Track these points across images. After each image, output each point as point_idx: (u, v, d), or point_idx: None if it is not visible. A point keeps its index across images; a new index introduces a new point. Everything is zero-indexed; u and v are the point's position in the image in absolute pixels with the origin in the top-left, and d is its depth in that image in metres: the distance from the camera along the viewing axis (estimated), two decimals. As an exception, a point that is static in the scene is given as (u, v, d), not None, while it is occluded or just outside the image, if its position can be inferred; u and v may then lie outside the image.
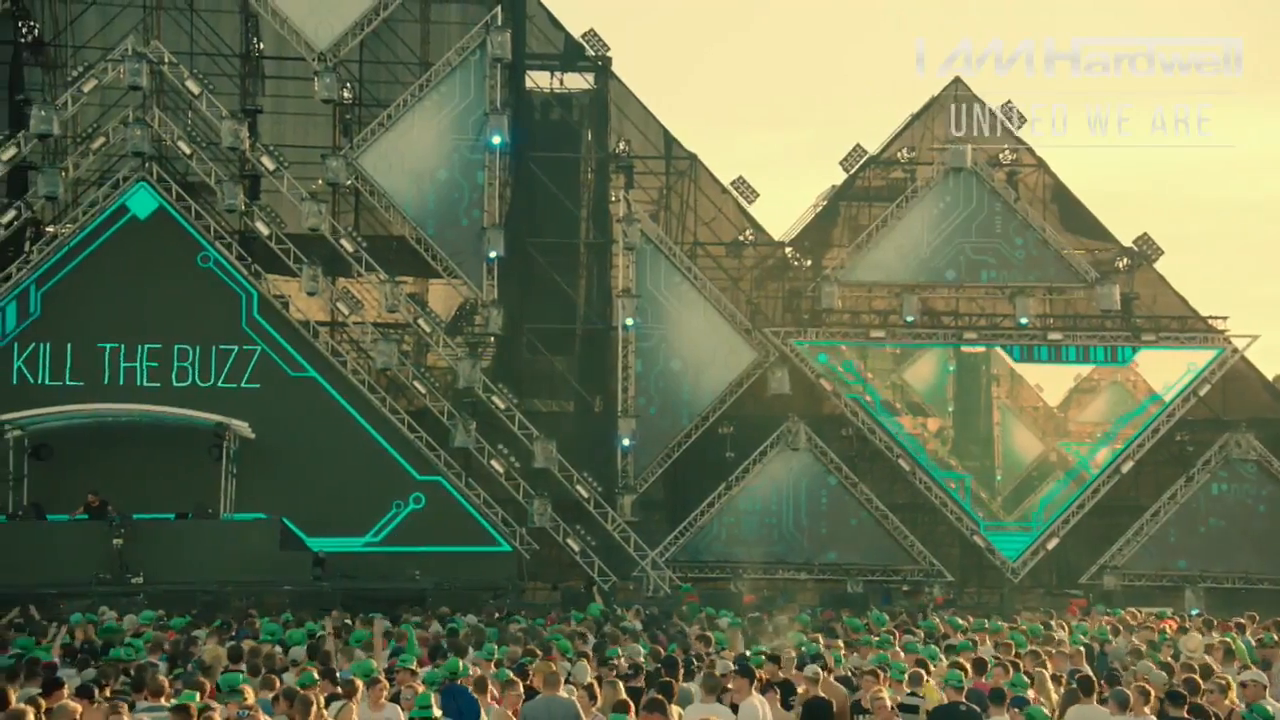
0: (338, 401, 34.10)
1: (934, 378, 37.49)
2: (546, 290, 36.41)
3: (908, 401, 37.35)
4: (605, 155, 37.28)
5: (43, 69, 35.52)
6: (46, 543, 29.90)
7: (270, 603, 27.43)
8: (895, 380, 37.35)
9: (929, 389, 37.48)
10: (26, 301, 33.19)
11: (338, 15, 34.60)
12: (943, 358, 37.49)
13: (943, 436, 37.39)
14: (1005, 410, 37.57)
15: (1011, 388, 37.81)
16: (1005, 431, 37.42)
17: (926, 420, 37.49)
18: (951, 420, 37.46)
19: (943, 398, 37.52)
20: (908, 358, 37.40)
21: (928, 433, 37.36)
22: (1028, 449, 37.40)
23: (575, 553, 34.44)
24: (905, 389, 37.35)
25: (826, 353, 37.08)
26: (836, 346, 37.22)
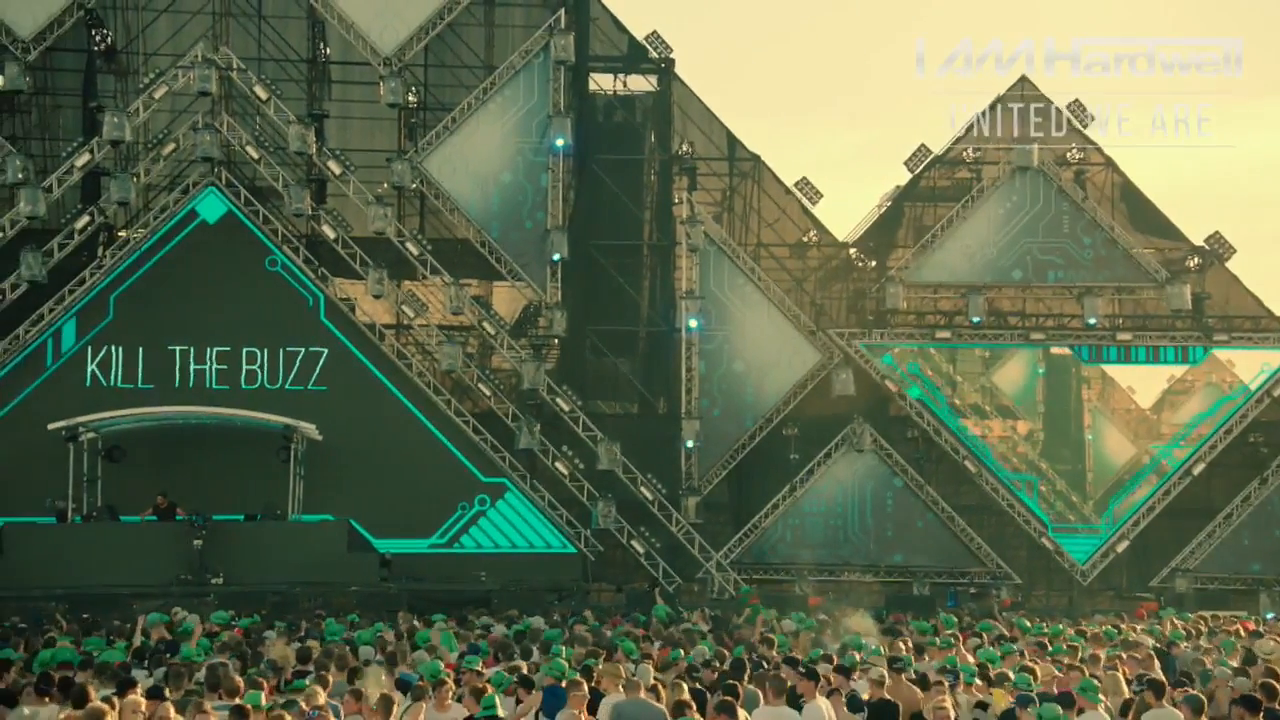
0: (403, 404, 34.36)
1: (1023, 381, 37.17)
2: (610, 292, 36.46)
3: (997, 405, 37.08)
4: (668, 157, 37.27)
5: (115, 76, 36.05)
6: (124, 544, 30.33)
7: (338, 604, 27.69)
8: (984, 383, 37.09)
9: (1018, 392, 37.18)
10: (100, 305, 33.69)
11: (403, 20, 34.84)
12: (1032, 360, 37.15)
13: (1033, 440, 37.03)
14: (1096, 413, 37.18)
15: (1103, 390, 37.45)
16: (1096, 434, 37.00)
17: (1016, 423, 37.17)
18: (1041, 423, 37.08)
19: (1032, 400, 37.19)
20: (996, 360, 37.12)
21: (1017, 436, 37.03)
22: (1120, 452, 36.96)
23: (639, 554, 34.46)
24: (994, 392, 37.07)
25: (891, 354, 36.86)
26: (901, 348, 36.98)
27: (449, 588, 30.95)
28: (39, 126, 35.72)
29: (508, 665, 15.19)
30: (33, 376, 33.17)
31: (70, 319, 33.49)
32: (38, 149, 35.10)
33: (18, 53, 33.05)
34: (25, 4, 33.19)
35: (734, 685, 13.13)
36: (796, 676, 13.22)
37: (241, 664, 16.34)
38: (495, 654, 17.11)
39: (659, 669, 14.93)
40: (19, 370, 33.13)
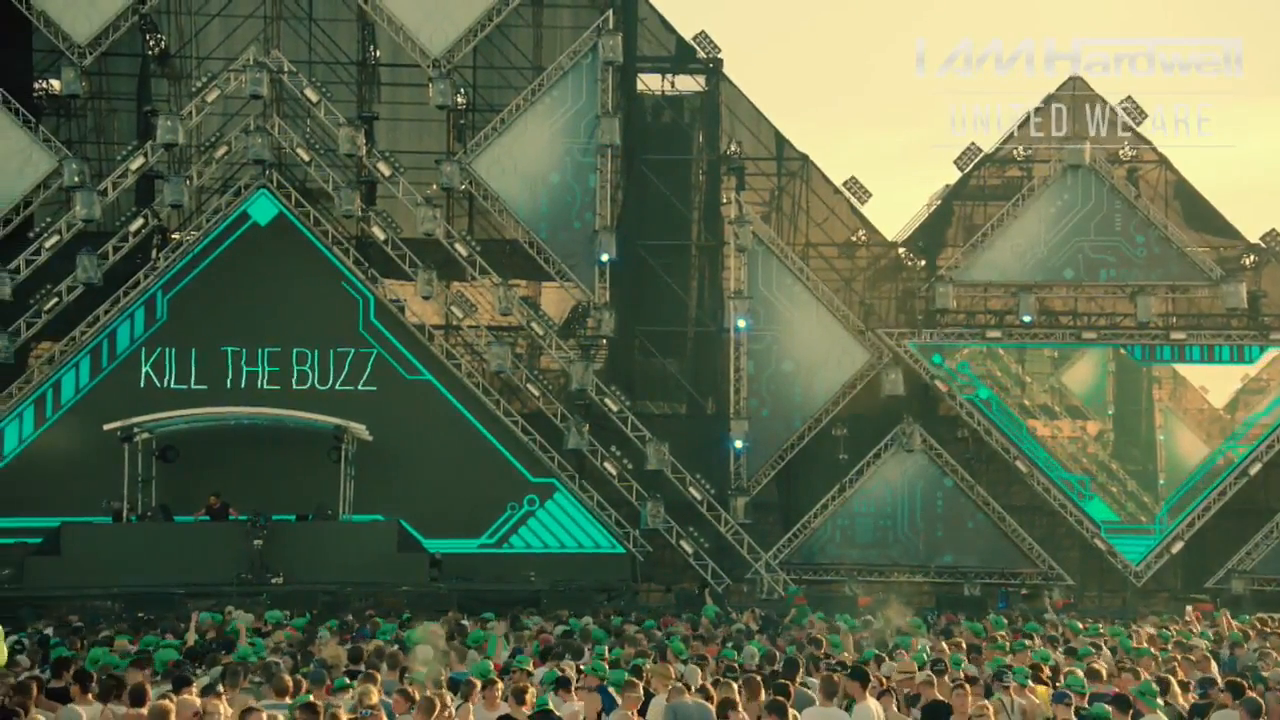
0: (453, 404, 34.52)
1: (1093, 381, 36.85)
2: (658, 292, 36.47)
3: (1066, 405, 36.78)
4: (716, 157, 37.23)
5: (169, 80, 36.44)
6: (179, 543, 30.63)
7: (388, 603, 27.84)
8: (1053, 383, 36.80)
9: (1088, 392, 36.85)
10: (153, 307, 34.06)
11: (452, 22, 34.97)
12: (1101, 360, 36.83)
13: (1103, 440, 36.71)
14: (1168, 413, 36.78)
15: (1174, 390, 37.03)
16: (1168, 434, 36.62)
17: (1086, 424, 36.85)
18: (1111, 424, 36.76)
19: (1102, 401, 36.85)
20: (1065, 360, 36.81)
21: (1087, 436, 36.72)
22: (1193, 452, 36.56)
23: (688, 555, 34.44)
24: (1063, 392, 36.77)
25: (941, 353, 36.66)
26: (951, 347, 36.77)
27: (498, 588, 31.07)
28: (94, 130, 36.16)
29: (556, 665, 15.22)
30: (89, 377, 33.58)
31: (125, 320, 33.87)
32: (93, 153, 35.53)
33: (74, 58, 33.44)
34: (81, 10, 33.57)
35: (785, 685, 13.10)
36: (845, 678, 13.17)
37: (293, 663, 16.47)
38: (544, 654, 17.14)
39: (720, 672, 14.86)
40: (76, 371, 33.54)
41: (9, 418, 33.09)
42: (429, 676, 14.00)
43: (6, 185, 33.47)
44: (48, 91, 35.52)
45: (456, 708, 12.27)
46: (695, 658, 16.75)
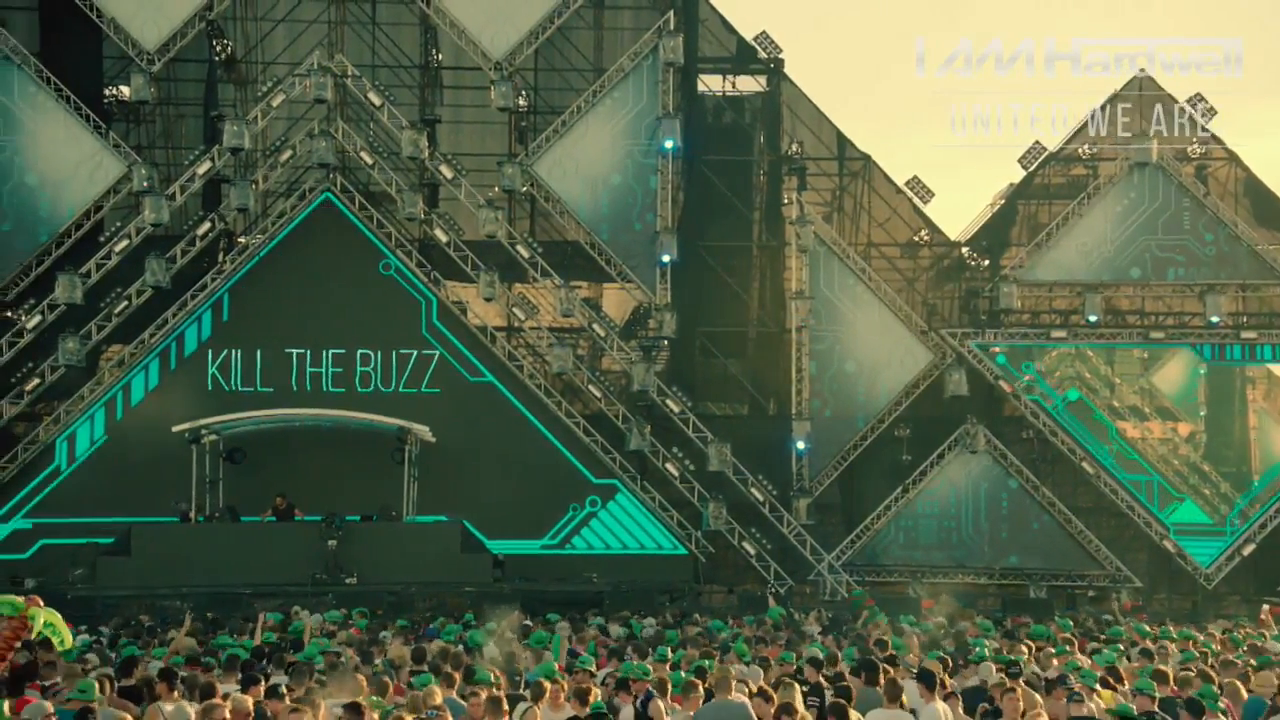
0: (515, 406, 34.66)
1: (1183, 381, 36.40)
2: (719, 293, 36.43)
3: (1156, 406, 36.37)
4: (778, 157, 37.14)
5: (235, 85, 36.86)
6: (246, 544, 30.97)
7: (452, 604, 28.01)
8: (1143, 384, 36.41)
9: (1178, 393, 36.41)
10: (220, 310, 34.47)
11: (513, 24, 35.11)
12: (1192, 361, 36.36)
13: (1194, 442, 36.26)
14: (1262, 414, 36.27)
15: (1269, 390, 36.51)
16: (1263, 435, 36.09)
17: (1177, 425, 36.41)
18: (1203, 425, 36.30)
19: (1194, 402, 36.39)
20: (1155, 361, 36.39)
21: (1178, 438, 36.28)
22: (1289, 453, 36.07)
23: (751, 556, 34.37)
24: (1153, 393, 36.36)
25: (1005, 353, 36.34)
26: (1016, 347, 36.45)
27: (561, 588, 31.15)
28: (163, 136, 36.64)
29: (619, 666, 15.24)
30: (158, 380, 34.05)
31: (192, 323, 34.30)
32: (162, 158, 36.00)
33: (143, 64, 33.90)
34: (150, 17, 34.02)
35: (847, 688, 13.07)
36: (912, 680, 13.11)
37: (357, 663, 16.61)
38: (607, 655, 17.18)
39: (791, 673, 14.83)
40: (145, 373, 34.01)
41: (80, 420, 33.61)
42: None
43: (78, 191, 33.98)
44: (117, 98, 36.03)
45: (524, 709, 12.32)
46: (758, 659, 16.74)
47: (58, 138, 33.89)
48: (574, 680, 13.79)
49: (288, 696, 12.27)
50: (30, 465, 33.30)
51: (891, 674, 13.66)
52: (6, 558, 32.13)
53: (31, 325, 33.32)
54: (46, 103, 33.85)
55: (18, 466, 33.17)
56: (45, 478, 33.36)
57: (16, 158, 33.94)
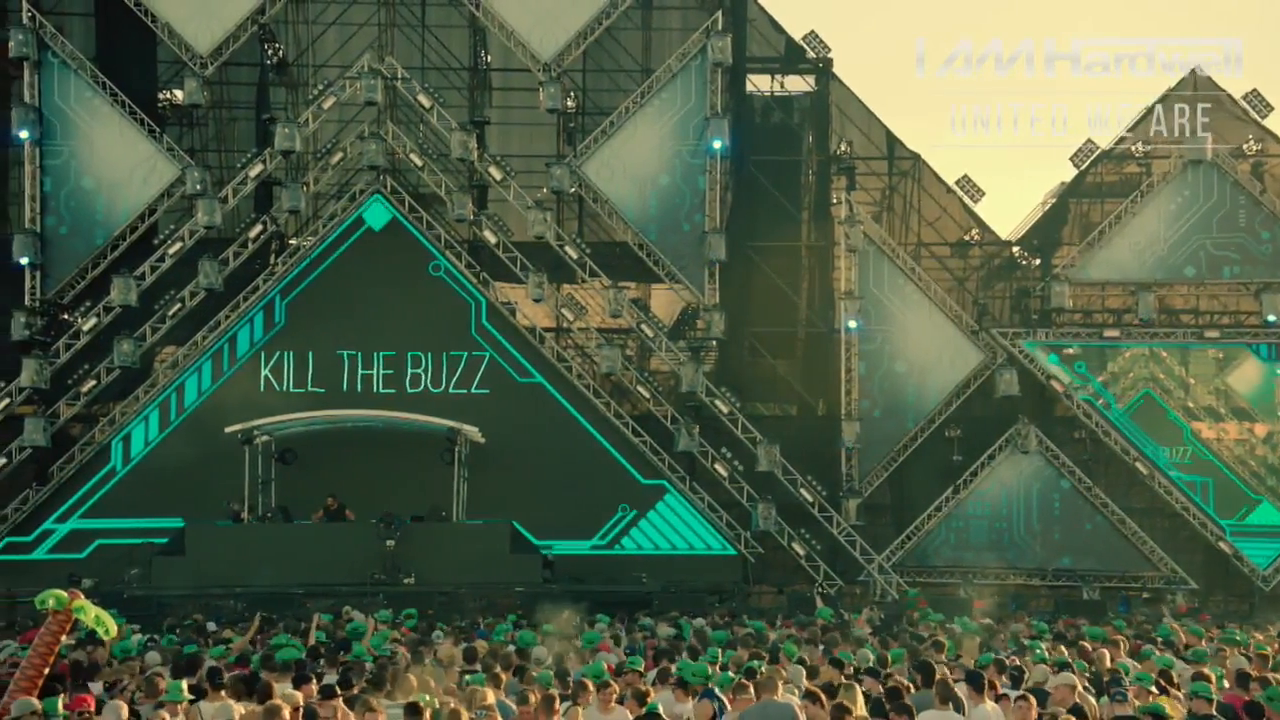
0: (564, 406, 34.73)
1: (1260, 382, 35.95)
2: (768, 293, 36.35)
3: (1232, 407, 35.96)
4: (826, 157, 37.01)
5: (286, 88, 37.14)
6: (298, 544, 31.22)
7: (502, 604, 28.10)
8: (1218, 385, 36.02)
9: (1254, 393, 35.98)
10: (272, 311, 34.75)
11: (561, 26, 35.17)
12: (1269, 360, 35.89)
13: (1271, 442, 35.82)
14: None
15: None
16: None
17: (1253, 426, 35.99)
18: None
19: (1270, 402, 35.93)
20: (1231, 362, 35.98)
21: (1255, 438, 35.86)
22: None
23: (800, 557, 34.28)
24: (1229, 394, 35.96)
25: (1057, 353, 36.04)
26: (1068, 347, 36.14)
27: (610, 589, 31.16)
28: (215, 139, 36.96)
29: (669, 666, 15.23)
30: (210, 381, 34.37)
31: (245, 325, 34.59)
32: (214, 161, 36.32)
33: (196, 68, 34.23)
34: (203, 21, 34.34)
35: (898, 689, 12.99)
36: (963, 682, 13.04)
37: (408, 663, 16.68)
38: (656, 656, 17.18)
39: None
40: (198, 375, 34.35)
41: (135, 421, 33.98)
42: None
43: (133, 194, 34.35)
44: (171, 102, 36.38)
45: (570, 709, 12.35)
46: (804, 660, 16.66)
47: (113, 142, 34.28)
48: (625, 681, 13.79)
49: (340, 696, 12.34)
50: (86, 466, 33.70)
51: (943, 675, 13.58)
52: (64, 557, 32.55)
53: (88, 327, 33.72)
54: (102, 107, 34.25)
55: (74, 467, 33.58)
56: (101, 478, 33.75)
57: (73, 162, 34.36)
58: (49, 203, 34.18)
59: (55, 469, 33.45)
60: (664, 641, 19.53)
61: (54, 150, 34.23)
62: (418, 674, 14.06)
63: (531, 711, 11.89)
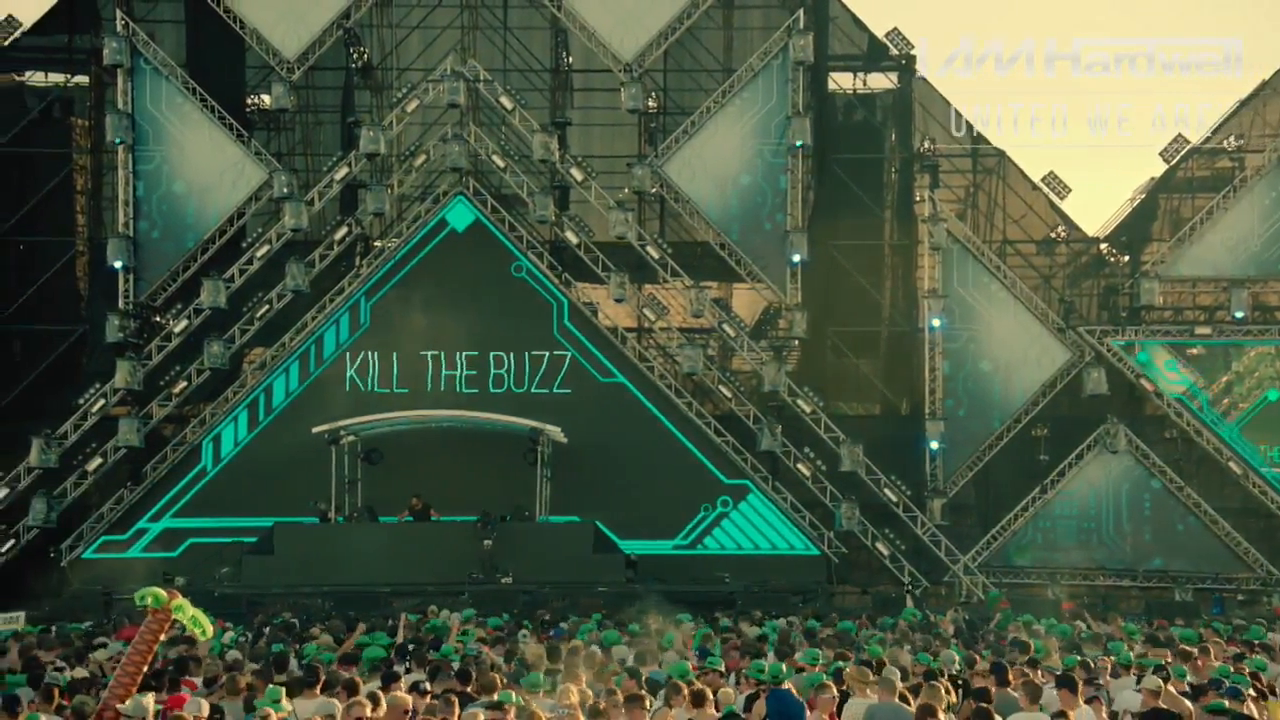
0: (646, 406, 34.77)
1: None
2: (850, 292, 36.13)
3: None
4: (910, 155, 36.72)
5: (371, 92, 37.54)
6: (383, 543, 31.43)
7: (585, 604, 28.17)
8: None
9: None
10: (357, 313, 35.14)
11: (643, 26, 35.20)
12: None
13: None
14: None
15: None
16: None
17: None
18: None
19: None
20: None
21: None
22: None
23: (885, 557, 34.05)
24: None
25: (1147, 351, 35.45)
26: (1158, 345, 35.53)
27: (693, 589, 31.13)
28: (301, 143, 37.45)
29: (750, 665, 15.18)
30: (298, 382, 34.83)
31: (331, 326, 35.01)
32: (300, 164, 36.76)
33: (283, 73, 34.71)
34: (290, 27, 34.79)
35: (985, 690, 12.89)
36: (1055, 684, 12.90)
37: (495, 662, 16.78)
38: (739, 655, 17.15)
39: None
40: (286, 376, 34.82)
41: (225, 422, 34.51)
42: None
43: (222, 198, 34.89)
44: (259, 107, 36.94)
45: (656, 709, 12.36)
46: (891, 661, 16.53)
47: (203, 146, 34.83)
48: (706, 680, 13.78)
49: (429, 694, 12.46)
50: (178, 466, 34.28)
51: (1029, 676, 13.45)
52: (158, 555, 33.14)
53: (179, 329, 34.28)
54: (193, 113, 34.82)
55: (167, 467, 34.17)
56: (193, 478, 34.32)
57: (165, 167, 34.97)
58: (141, 207, 34.80)
59: (148, 469, 34.07)
60: (749, 641, 19.48)
61: (146, 155, 34.85)
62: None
63: (620, 711, 11.92)
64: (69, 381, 34.78)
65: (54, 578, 32.86)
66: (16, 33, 35.44)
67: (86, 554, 33.48)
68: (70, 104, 36.45)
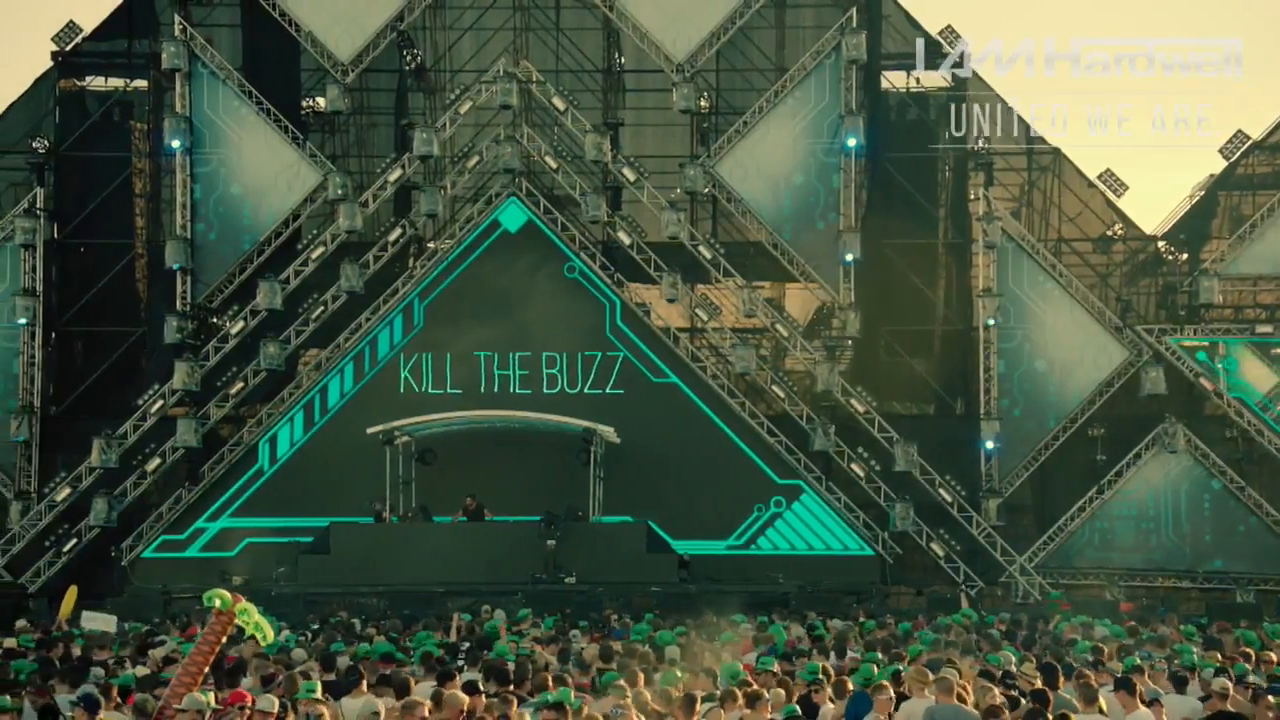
0: (698, 406, 34.75)
1: None
2: (904, 292, 35.94)
3: None
4: (963, 153, 36.46)
5: (424, 94, 37.72)
6: (438, 543, 31.61)
7: (638, 603, 28.20)
8: None
9: None
10: (410, 314, 35.33)
11: (695, 26, 35.18)
12: None
13: None
14: None
15: None
16: None
17: None
18: None
19: None
20: None
21: None
22: None
23: (939, 557, 33.84)
24: None
25: (1206, 350, 35.03)
26: (1218, 344, 35.10)
27: (747, 589, 31.07)
28: (356, 145, 37.70)
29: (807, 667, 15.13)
30: (352, 383, 35.08)
31: (385, 327, 35.22)
32: (355, 166, 37.03)
33: (338, 76, 34.97)
34: (344, 29, 35.07)
35: (1044, 692, 12.79)
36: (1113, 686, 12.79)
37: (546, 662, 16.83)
38: (790, 656, 17.11)
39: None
40: (341, 377, 35.07)
41: (281, 422, 34.81)
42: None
43: (277, 200, 35.21)
44: (313, 109, 37.26)
45: (709, 708, 12.34)
46: (948, 662, 16.43)
47: (259, 149, 35.16)
48: (760, 681, 13.74)
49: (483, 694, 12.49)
50: (235, 466, 34.60)
51: (1087, 677, 13.33)
52: (215, 555, 33.49)
53: (235, 331, 34.62)
54: (249, 116, 35.14)
55: (224, 467, 34.50)
56: (249, 478, 34.65)
57: (222, 169, 35.32)
58: (199, 209, 35.19)
59: (206, 469, 34.42)
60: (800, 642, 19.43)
61: (203, 158, 35.23)
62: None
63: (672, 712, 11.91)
64: (129, 382, 35.24)
65: (115, 576, 33.28)
66: (78, 39, 35.90)
67: (146, 553, 33.89)
68: (130, 108, 36.89)
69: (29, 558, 33.60)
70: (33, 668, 15.09)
